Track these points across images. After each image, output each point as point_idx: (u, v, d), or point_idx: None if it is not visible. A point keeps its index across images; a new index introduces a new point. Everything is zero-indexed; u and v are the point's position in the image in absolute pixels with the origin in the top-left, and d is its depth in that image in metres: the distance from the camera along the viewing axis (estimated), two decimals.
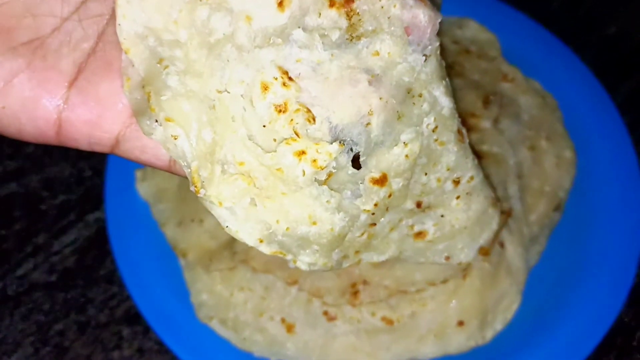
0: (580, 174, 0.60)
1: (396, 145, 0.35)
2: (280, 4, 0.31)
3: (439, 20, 0.35)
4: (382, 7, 0.33)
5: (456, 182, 0.39)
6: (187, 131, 0.31)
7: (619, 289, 0.54)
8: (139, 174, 0.59)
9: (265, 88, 0.31)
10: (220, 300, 0.54)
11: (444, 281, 0.53)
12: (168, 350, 0.53)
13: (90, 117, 0.31)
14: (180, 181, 0.58)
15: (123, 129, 0.31)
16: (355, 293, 0.52)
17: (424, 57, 0.34)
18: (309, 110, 0.32)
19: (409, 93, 0.34)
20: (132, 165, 0.60)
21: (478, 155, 0.54)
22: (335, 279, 0.52)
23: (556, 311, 0.55)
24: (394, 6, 0.33)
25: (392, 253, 0.40)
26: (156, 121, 0.31)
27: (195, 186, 0.32)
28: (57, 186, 0.65)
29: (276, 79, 0.31)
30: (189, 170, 0.32)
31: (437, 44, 0.35)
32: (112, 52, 0.31)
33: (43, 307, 0.59)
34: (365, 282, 0.52)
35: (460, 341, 0.53)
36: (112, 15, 0.31)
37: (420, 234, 0.41)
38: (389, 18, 0.33)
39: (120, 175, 0.60)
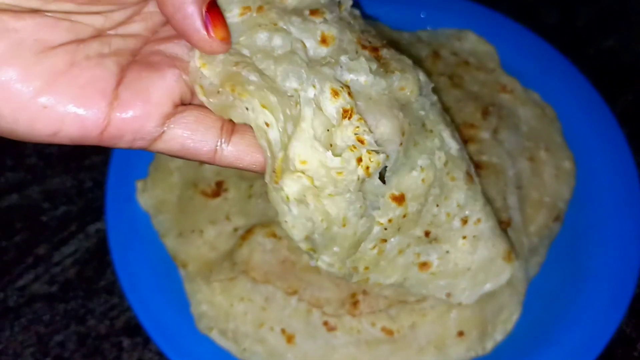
0: (580, 185, 0.61)
1: (414, 169, 0.39)
2: (324, 41, 0.36)
3: (431, 86, 0.42)
4: (400, 58, 0.39)
5: (464, 221, 0.43)
6: (276, 120, 0.33)
7: (620, 299, 0.54)
8: (139, 185, 0.60)
9: (335, 93, 0.34)
10: (220, 311, 0.54)
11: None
12: None
13: (139, 114, 0.31)
14: (180, 192, 0.58)
15: (167, 124, 0.32)
16: (355, 303, 0.52)
17: (429, 103, 0.40)
18: (367, 123, 0.35)
19: (423, 126, 0.39)
20: (132, 177, 0.60)
21: (477, 165, 0.54)
22: (334, 289, 0.53)
23: (556, 322, 0.55)
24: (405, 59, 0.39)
25: (397, 279, 0.43)
26: (247, 109, 0.33)
27: (277, 175, 0.34)
28: (58, 197, 0.65)
29: (342, 88, 0.35)
30: (275, 159, 0.33)
31: (435, 98, 0.42)
32: (153, 57, 0.33)
33: (43, 318, 0.59)
34: (365, 292, 0.52)
35: (460, 352, 0.53)
36: (152, 36, 0.33)
37: (424, 265, 0.44)
38: (407, 64, 0.39)
39: (121, 187, 0.60)
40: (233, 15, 0.36)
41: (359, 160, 0.35)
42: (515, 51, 0.68)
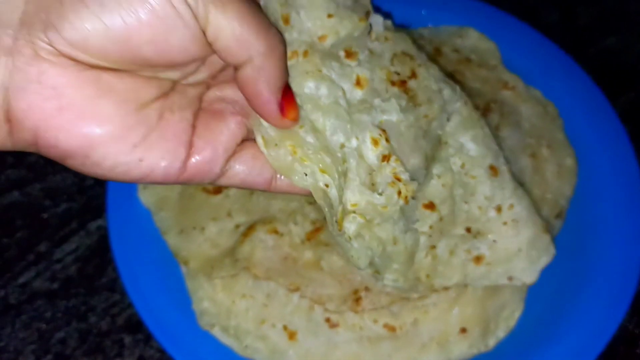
0: (582, 182, 0.61)
1: (432, 178, 0.44)
2: (358, 83, 0.41)
3: (457, 93, 0.47)
4: (426, 85, 0.44)
5: (498, 210, 0.47)
6: (333, 180, 0.38)
7: (622, 296, 0.54)
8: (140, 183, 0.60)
9: (375, 142, 0.39)
10: (222, 308, 0.54)
11: (446, 288, 0.52)
12: (170, 358, 0.53)
13: (209, 159, 0.35)
14: (181, 189, 0.58)
15: (230, 163, 0.37)
16: (358, 300, 0.52)
17: (447, 117, 0.45)
18: (402, 161, 0.40)
19: (439, 142, 0.45)
20: None
21: None
22: (337, 286, 0.52)
23: (559, 319, 0.54)
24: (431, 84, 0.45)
25: (458, 277, 0.47)
26: (306, 174, 0.38)
27: (340, 225, 0.39)
28: (59, 195, 0.65)
29: (381, 135, 0.40)
30: (337, 213, 0.39)
31: (459, 104, 0.46)
32: (217, 104, 0.37)
33: (44, 316, 0.59)
34: (367, 289, 0.52)
35: (462, 349, 0.53)
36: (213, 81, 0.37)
37: (478, 259, 0.47)
38: (433, 91, 0.44)
39: (122, 184, 0.60)
40: None
41: (399, 193, 0.40)
42: (517, 48, 0.68)
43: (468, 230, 0.47)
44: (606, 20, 0.79)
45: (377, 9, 0.55)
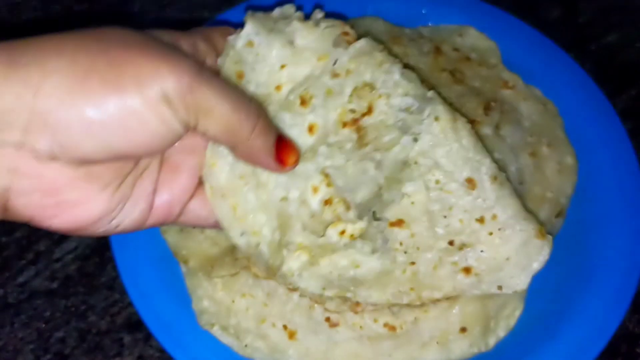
0: (582, 181, 0.60)
1: (402, 198, 0.45)
2: (311, 130, 0.43)
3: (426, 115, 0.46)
4: (381, 120, 0.44)
5: (481, 221, 0.46)
6: (265, 238, 0.43)
7: (623, 295, 0.54)
8: None
9: (315, 190, 0.43)
10: (222, 307, 0.54)
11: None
12: (169, 357, 0.53)
13: (170, 203, 0.41)
14: None
15: (185, 206, 0.42)
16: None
17: (414, 139, 0.44)
18: (345, 201, 0.43)
19: (404, 164, 0.45)
20: None
21: None
22: None
23: (559, 318, 0.54)
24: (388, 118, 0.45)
25: (448, 290, 0.47)
26: (240, 234, 0.43)
27: (274, 273, 0.44)
28: None
29: (322, 181, 0.43)
30: (267, 264, 0.43)
31: (424, 126, 0.45)
32: (175, 156, 0.41)
33: (44, 315, 0.59)
34: None
35: (463, 348, 0.52)
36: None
37: (467, 270, 0.46)
38: (386, 127, 0.44)
39: None
40: None
41: (342, 232, 0.43)
42: (517, 47, 0.67)
43: (451, 243, 0.46)
44: (607, 17, 0.79)
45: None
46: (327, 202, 0.43)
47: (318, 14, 0.45)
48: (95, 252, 0.62)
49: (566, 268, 0.57)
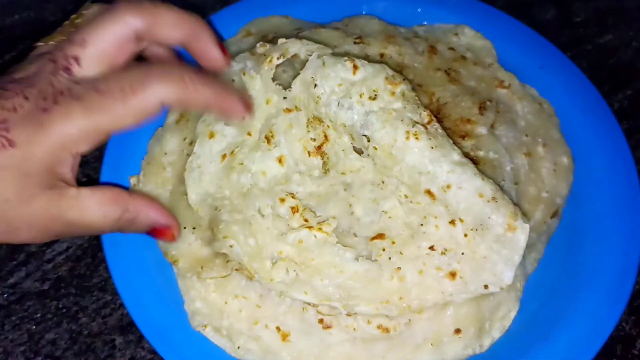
0: (578, 181, 0.60)
1: (380, 215, 0.50)
2: (280, 160, 0.52)
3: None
4: (337, 146, 0.52)
5: (452, 224, 0.49)
6: (238, 241, 0.49)
7: (619, 296, 0.54)
8: (132, 180, 0.59)
9: (282, 200, 0.51)
10: (214, 308, 0.53)
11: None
12: (161, 359, 0.53)
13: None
14: (173, 188, 0.58)
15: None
16: None
17: (373, 162, 0.52)
18: (311, 210, 0.51)
19: (372, 184, 0.51)
20: (125, 173, 0.59)
21: (474, 160, 0.54)
22: None
23: (555, 319, 0.54)
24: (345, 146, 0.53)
25: (435, 295, 0.48)
26: (230, 246, 0.50)
27: (250, 272, 0.49)
28: None
29: (287, 195, 0.51)
30: (243, 263, 0.49)
31: (371, 151, 0.52)
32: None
33: (35, 316, 0.58)
34: None
35: (457, 350, 0.52)
36: None
37: (452, 274, 0.48)
38: (343, 151, 0.52)
39: (114, 183, 0.59)
40: (217, 163, 0.53)
41: (310, 228, 0.49)
42: (513, 46, 0.67)
43: (432, 248, 0.49)
44: (603, 17, 0.79)
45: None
46: (294, 209, 0.50)
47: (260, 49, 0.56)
48: (87, 253, 0.61)
49: (562, 269, 0.56)
